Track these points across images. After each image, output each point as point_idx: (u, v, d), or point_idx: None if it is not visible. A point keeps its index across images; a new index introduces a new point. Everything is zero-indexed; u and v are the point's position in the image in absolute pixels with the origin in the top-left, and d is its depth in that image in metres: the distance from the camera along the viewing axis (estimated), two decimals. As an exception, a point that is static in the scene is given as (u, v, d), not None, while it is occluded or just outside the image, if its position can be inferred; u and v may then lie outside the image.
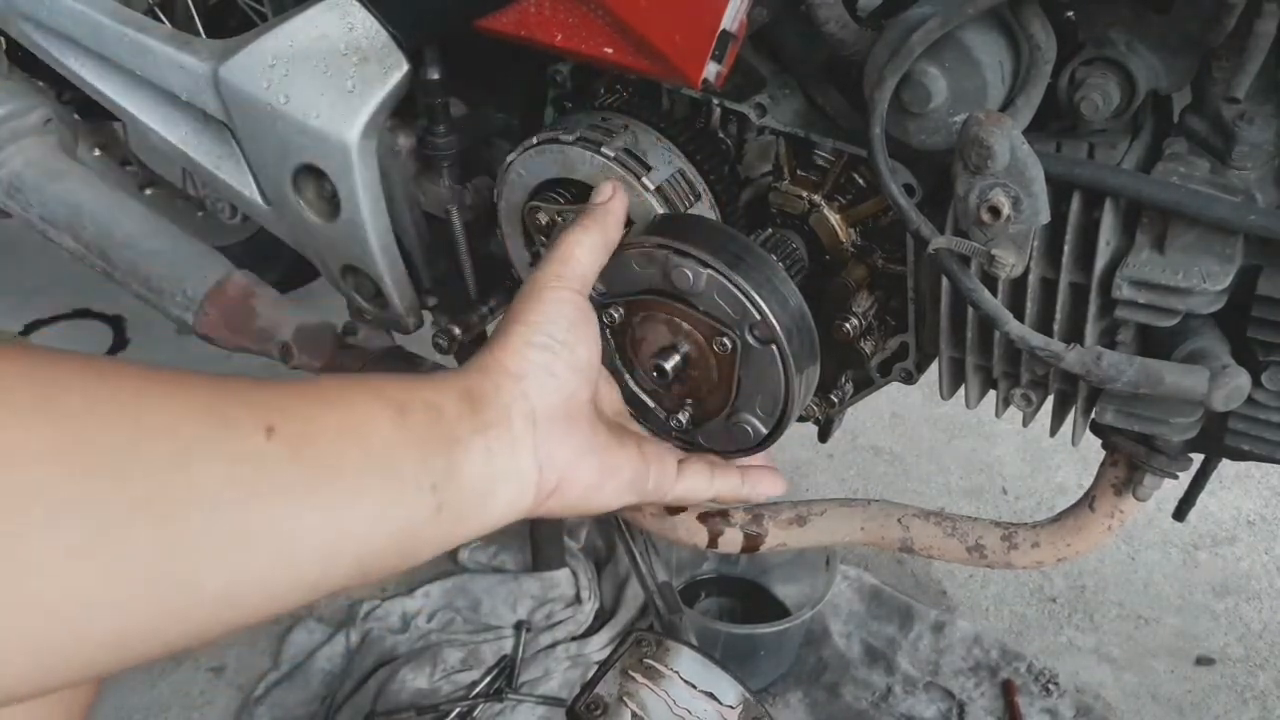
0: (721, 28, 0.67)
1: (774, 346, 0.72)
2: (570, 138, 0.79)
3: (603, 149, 0.78)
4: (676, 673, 0.92)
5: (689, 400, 0.78)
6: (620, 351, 0.79)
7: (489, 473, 0.59)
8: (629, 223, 0.80)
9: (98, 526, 0.40)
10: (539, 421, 0.63)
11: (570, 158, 0.79)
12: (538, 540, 1.46)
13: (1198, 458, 0.81)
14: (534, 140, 0.81)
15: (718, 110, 0.84)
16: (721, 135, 0.85)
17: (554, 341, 0.65)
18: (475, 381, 0.61)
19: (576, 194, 0.81)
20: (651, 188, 0.78)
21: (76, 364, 0.44)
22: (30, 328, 1.99)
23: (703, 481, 0.76)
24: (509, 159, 0.83)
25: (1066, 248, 0.68)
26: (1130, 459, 0.79)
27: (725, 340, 0.72)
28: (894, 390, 1.25)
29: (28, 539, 0.38)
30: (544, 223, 0.83)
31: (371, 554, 0.52)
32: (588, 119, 0.81)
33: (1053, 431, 0.82)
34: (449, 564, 1.53)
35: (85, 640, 0.41)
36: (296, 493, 0.48)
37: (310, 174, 0.91)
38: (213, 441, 0.45)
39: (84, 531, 0.40)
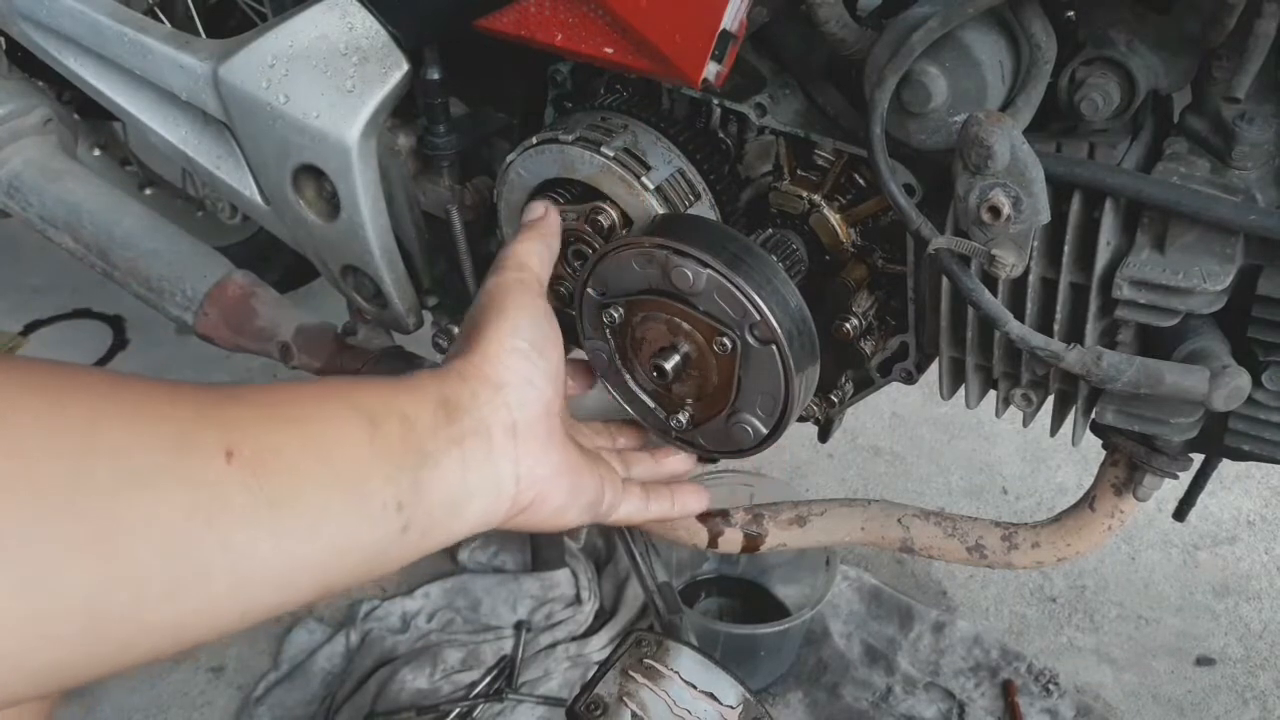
0: (721, 27, 0.67)
1: (774, 347, 0.72)
2: (570, 137, 0.79)
3: (602, 149, 0.78)
4: (676, 673, 0.92)
5: (689, 400, 0.78)
6: (620, 351, 0.79)
7: (462, 485, 0.58)
8: (628, 222, 0.80)
9: (37, 562, 0.39)
10: (520, 434, 0.61)
11: (570, 157, 0.79)
12: (538, 540, 1.46)
13: (1198, 458, 0.81)
14: (534, 140, 0.81)
15: (718, 110, 0.84)
16: (721, 135, 0.85)
17: (530, 347, 0.64)
18: (453, 389, 0.60)
19: (577, 193, 0.81)
20: (651, 187, 0.78)
21: (28, 378, 0.42)
22: (30, 328, 1.99)
23: (639, 504, 0.76)
24: (509, 159, 0.83)
25: (1067, 248, 0.67)
26: (1130, 459, 0.79)
27: (725, 340, 0.72)
28: (894, 390, 1.25)
29: None
30: None
31: (332, 575, 0.51)
32: (587, 118, 0.81)
33: (1053, 431, 0.82)
34: (449, 564, 1.53)
35: (17, 670, 0.40)
36: (255, 520, 0.46)
37: (310, 174, 0.91)
38: (167, 467, 0.43)
39: (22, 567, 0.38)
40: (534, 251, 0.70)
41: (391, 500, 0.53)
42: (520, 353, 0.63)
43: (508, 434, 0.61)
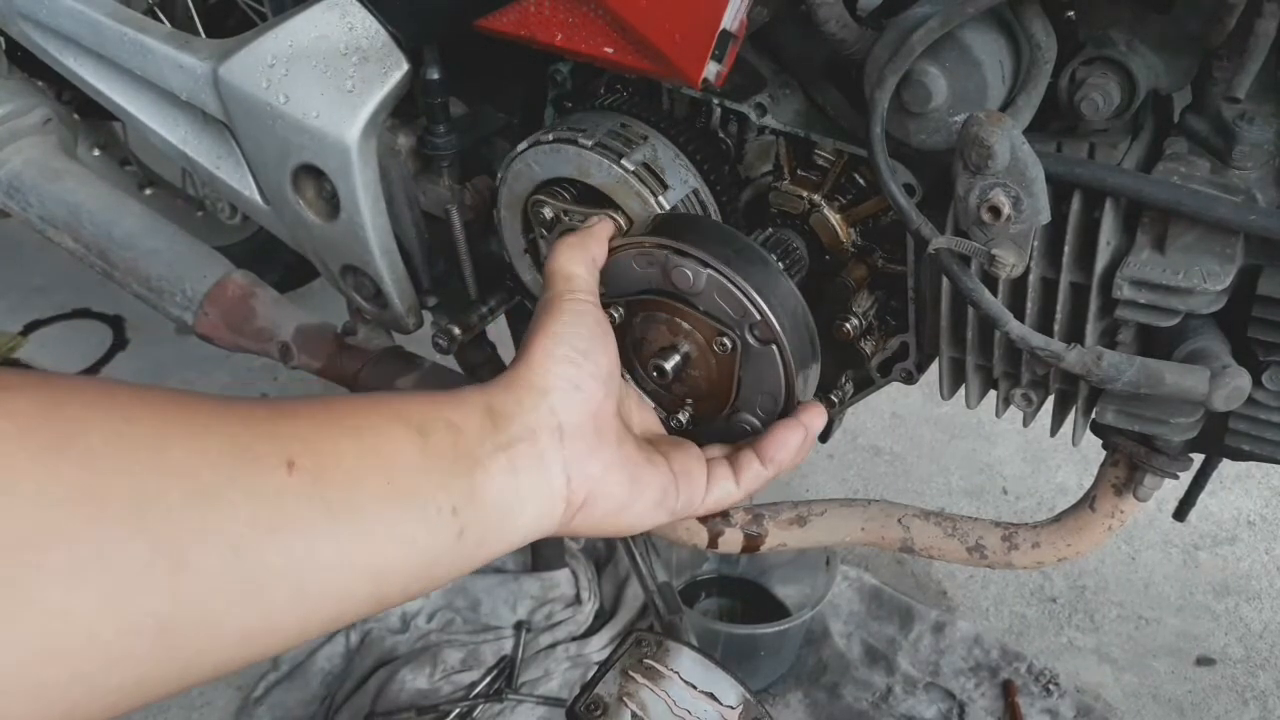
0: (721, 27, 0.67)
1: (774, 346, 0.72)
2: (589, 142, 0.79)
3: (623, 160, 0.78)
4: (676, 673, 0.92)
5: (689, 400, 0.78)
6: (620, 352, 0.79)
7: (513, 490, 0.58)
8: (629, 223, 0.80)
9: (116, 577, 0.40)
10: (566, 436, 0.62)
11: (586, 161, 0.79)
12: (537, 541, 1.46)
13: (1198, 458, 0.81)
14: (550, 136, 0.80)
15: (718, 110, 0.84)
16: (721, 135, 0.85)
17: (576, 353, 0.64)
18: (498, 398, 0.61)
19: (578, 193, 0.82)
20: (666, 207, 0.78)
21: (96, 397, 0.43)
22: (30, 327, 1.99)
23: (730, 487, 0.72)
24: (519, 148, 0.82)
25: (1067, 248, 0.67)
26: (1131, 459, 0.79)
27: (725, 340, 0.72)
28: (894, 390, 1.25)
29: (48, 587, 0.38)
30: (549, 217, 0.83)
31: (389, 584, 0.52)
32: (607, 123, 0.81)
33: (1053, 431, 0.82)
34: (449, 564, 1.53)
35: (95, 690, 0.40)
36: (317, 528, 0.48)
37: (310, 174, 0.91)
38: (234, 480, 0.45)
39: (103, 582, 0.39)
40: (575, 260, 0.70)
41: (447, 505, 0.54)
42: (566, 359, 0.64)
43: (554, 437, 0.61)
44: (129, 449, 0.42)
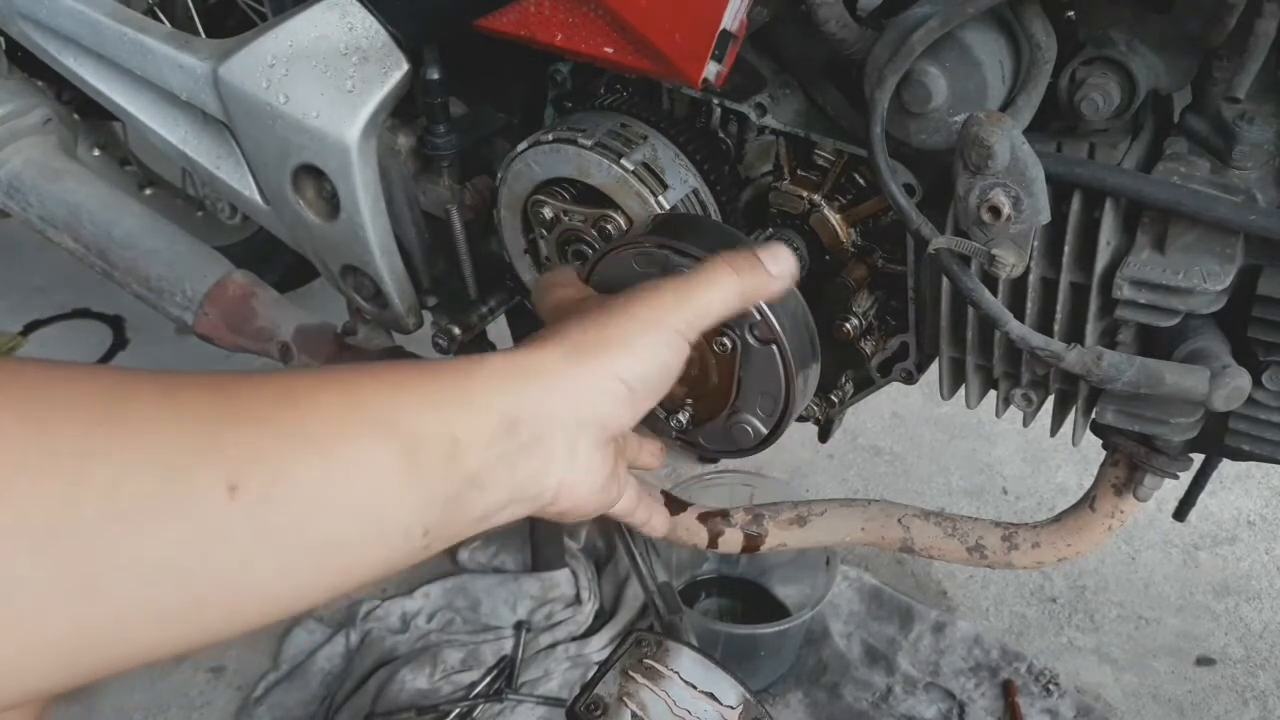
0: (721, 27, 0.67)
1: (774, 346, 0.72)
2: (589, 141, 0.79)
3: (622, 160, 0.78)
4: (676, 673, 0.92)
5: (689, 400, 0.78)
6: (620, 351, 0.79)
7: (503, 501, 0.53)
8: (629, 224, 0.80)
9: (15, 605, 0.37)
10: (579, 454, 0.56)
11: (586, 161, 0.79)
12: (538, 540, 1.46)
13: (1198, 458, 0.81)
14: (550, 136, 0.80)
15: (718, 110, 0.84)
16: (721, 135, 0.85)
17: (644, 386, 0.58)
18: (527, 408, 0.53)
19: (578, 193, 0.82)
20: (666, 207, 0.78)
21: (21, 395, 0.39)
22: (30, 327, 1.99)
23: (633, 494, 0.71)
24: (519, 148, 0.82)
25: (1067, 248, 0.67)
26: (1131, 459, 0.79)
27: (725, 340, 0.72)
28: (894, 390, 1.25)
29: None
30: (548, 217, 0.83)
31: (337, 592, 0.48)
32: (607, 123, 0.81)
33: (1053, 431, 0.82)
34: (449, 564, 1.53)
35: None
36: (255, 555, 0.43)
37: (310, 174, 0.91)
38: (160, 504, 0.40)
39: (2, 609, 0.37)
40: (722, 300, 0.62)
41: (418, 528, 0.49)
42: (626, 384, 0.57)
43: (569, 451, 0.55)
44: (43, 464, 0.38)
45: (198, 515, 0.41)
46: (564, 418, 0.55)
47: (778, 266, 0.64)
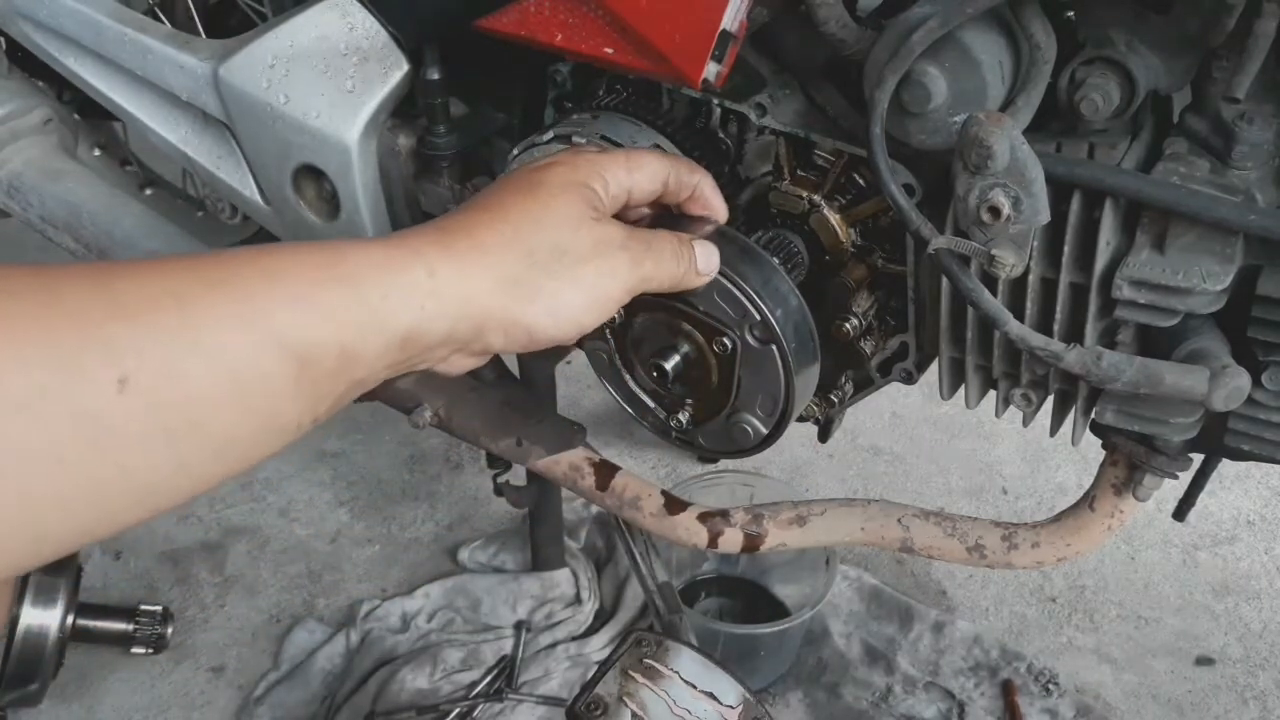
0: (721, 27, 0.67)
1: (774, 347, 0.72)
2: (584, 140, 0.79)
3: None
4: (676, 673, 0.92)
5: (689, 400, 0.78)
6: (620, 352, 0.79)
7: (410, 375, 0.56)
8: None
9: None
10: (517, 308, 0.58)
11: None
12: (538, 540, 1.46)
13: (1198, 458, 0.81)
14: (546, 136, 0.80)
15: (718, 110, 0.84)
16: (721, 135, 0.85)
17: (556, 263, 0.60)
18: (424, 312, 0.54)
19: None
20: None
21: None
22: (30, 328, 1.99)
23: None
24: (515, 151, 0.82)
25: (1066, 248, 0.67)
26: (1130, 459, 0.79)
27: (725, 340, 0.72)
28: (894, 390, 1.25)
29: None
30: None
31: (229, 479, 0.50)
32: (606, 123, 0.81)
33: (1053, 431, 0.82)
34: (449, 564, 1.53)
35: None
36: (151, 448, 0.45)
37: (310, 174, 0.92)
38: (54, 393, 0.41)
39: None
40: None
41: (308, 419, 0.51)
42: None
43: (503, 324, 0.58)
44: None
45: (88, 405, 0.42)
46: (471, 312, 0.56)
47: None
